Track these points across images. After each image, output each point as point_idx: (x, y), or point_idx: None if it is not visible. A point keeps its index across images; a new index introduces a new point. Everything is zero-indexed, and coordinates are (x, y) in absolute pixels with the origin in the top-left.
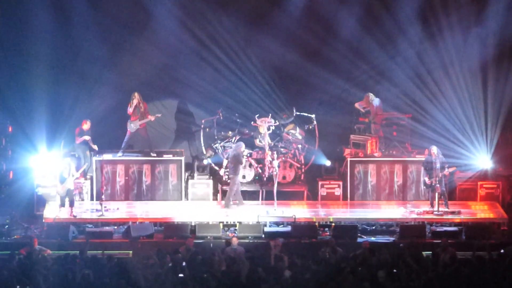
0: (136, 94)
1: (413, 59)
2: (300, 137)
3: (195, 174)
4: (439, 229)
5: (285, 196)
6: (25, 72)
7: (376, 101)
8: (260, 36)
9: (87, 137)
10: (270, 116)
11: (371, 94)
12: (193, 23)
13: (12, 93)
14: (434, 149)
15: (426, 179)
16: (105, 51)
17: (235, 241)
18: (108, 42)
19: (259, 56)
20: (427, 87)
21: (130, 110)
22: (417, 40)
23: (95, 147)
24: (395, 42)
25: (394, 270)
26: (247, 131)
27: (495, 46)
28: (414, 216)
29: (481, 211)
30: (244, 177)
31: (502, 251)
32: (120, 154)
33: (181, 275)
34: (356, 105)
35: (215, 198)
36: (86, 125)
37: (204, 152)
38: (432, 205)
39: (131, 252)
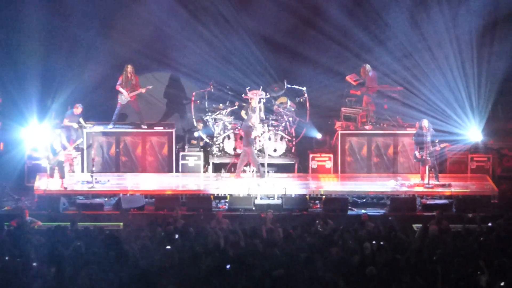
0: (129, 66)
1: (405, 32)
2: (291, 110)
3: (186, 147)
4: (429, 202)
5: (276, 168)
6: (15, 43)
7: (371, 73)
8: (251, 8)
9: (75, 125)
10: (261, 89)
11: (368, 65)
12: None
13: (2, 64)
14: (425, 123)
15: (417, 152)
16: (96, 22)
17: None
18: (100, 12)
19: (250, 29)
20: (419, 60)
21: (119, 84)
22: (408, 12)
23: (88, 125)
24: (386, 14)
25: (381, 243)
26: (238, 104)
27: (486, 19)
28: (404, 189)
29: (471, 184)
30: (235, 149)
31: (489, 224)
32: (111, 126)
33: (168, 247)
34: (348, 78)
35: (205, 171)
36: (77, 110)
37: (195, 124)
38: (422, 178)
39: (121, 224)
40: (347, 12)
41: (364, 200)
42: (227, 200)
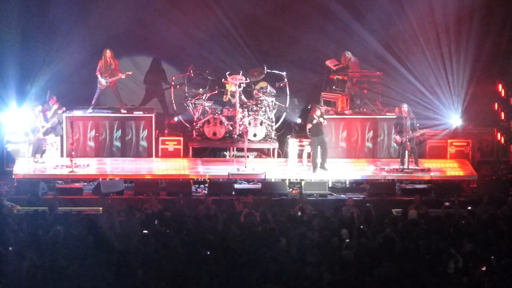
0: (107, 50)
1: (386, 16)
2: (271, 95)
3: (166, 131)
4: (408, 186)
5: (256, 153)
6: None
7: (353, 59)
8: None
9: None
10: (241, 74)
11: (348, 52)
12: None
13: None
14: (405, 107)
15: (397, 136)
16: (74, 6)
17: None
18: None
19: (229, 13)
20: (397, 45)
21: (98, 69)
22: None
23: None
24: None
25: (361, 227)
26: (217, 89)
27: (465, 3)
28: (384, 173)
29: (450, 169)
30: (214, 134)
31: (469, 208)
32: (90, 110)
33: (145, 231)
34: (327, 62)
35: (185, 155)
36: (52, 101)
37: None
38: (402, 163)
39: (101, 208)
40: None
41: (343, 184)
42: (206, 185)
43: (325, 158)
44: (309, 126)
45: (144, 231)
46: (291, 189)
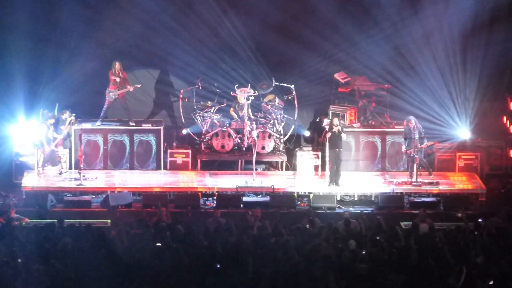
0: (116, 63)
1: (393, 29)
2: (279, 108)
3: (174, 144)
4: (417, 199)
5: (264, 166)
6: (2, 39)
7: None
8: (239, 5)
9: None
10: (249, 86)
11: (356, 76)
12: None
13: None
14: (412, 120)
15: (406, 149)
16: (83, 19)
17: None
18: (87, 8)
19: (239, 25)
20: (405, 59)
21: (112, 78)
22: (395, 10)
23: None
24: (375, 11)
25: (378, 237)
26: (226, 102)
27: (474, 18)
28: (392, 186)
29: (459, 182)
30: (223, 147)
31: (480, 220)
32: (98, 123)
33: (158, 244)
34: (336, 75)
35: (193, 168)
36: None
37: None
38: (411, 176)
39: (109, 221)
40: (335, 9)
41: (352, 197)
42: (215, 198)
43: (338, 174)
44: (328, 134)
45: (157, 244)
46: (299, 202)
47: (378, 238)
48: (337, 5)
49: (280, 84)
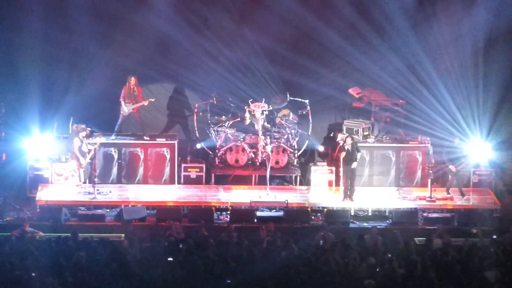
0: (132, 78)
1: (407, 45)
2: (293, 122)
3: (188, 158)
4: (431, 215)
5: (278, 181)
6: (17, 53)
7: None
8: (253, 20)
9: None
10: (263, 101)
11: (369, 88)
12: (187, 6)
13: (5, 74)
14: (458, 138)
15: (452, 166)
16: (99, 31)
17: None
18: (102, 23)
19: (252, 41)
20: (421, 74)
21: (122, 95)
22: (410, 25)
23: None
24: (389, 27)
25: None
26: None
27: (488, 34)
28: (406, 202)
29: (473, 198)
30: (237, 161)
31: (494, 236)
32: (113, 137)
33: (170, 258)
34: (350, 90)
35: (207, 182)
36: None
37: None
38: (462, 194)
39: (123, 235)
40: (349, 24)
41: (366, 213)
42: (228, 212)
43: (353, 189)
44: (342, 155)
45: (169, 259)
46: (313, 217)
47: (389, 255)
48: (351, 21)
49: (295, 98)
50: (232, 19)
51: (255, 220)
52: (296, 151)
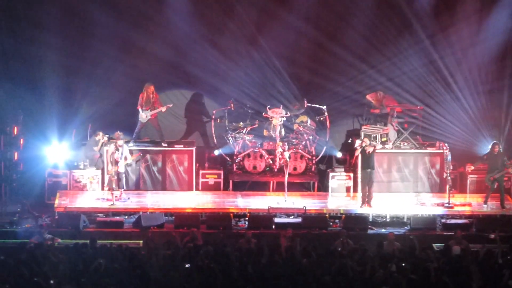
0: (150, 85)
1: (425, 52)
2: (311, 129)
3: (206, 165)
4: (449, 221)
5: (296, 187)
6: (36, 61)
7: (386, 98)
8: (271, 28)
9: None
10: (281, 107)
11: (380, 92)
12: (205, 13)
13: (24, 82)
14: (498, 145)
15: (490, 175)
16: (117, 40)
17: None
18: (121, 31)
19: (270, 47)
20: (440, 79)
21: (140, 103)
22: (429, 32)
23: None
24: (408, 33)
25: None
26: (258, 122)
27: (505, 43)
28: (425, 208)
29: (492, 203)
30: (255, 168)
31: None
32: (131, 144)
33: (187, 265)
34: (368, 96)
35: (225, 189)
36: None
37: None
38: (502, 204)
39: (141, 241)
40: (367, 30)
41: (384, 219)
42: (246, 219)
43: (371, 195)
44: (357, 152)
45: (186, 265)
46: (331, 223)
47: (404, 264)
48: (373, 25)
49: (312, 105)
50: (250, 25)
51: (273, 227)
52: (314, 157)
